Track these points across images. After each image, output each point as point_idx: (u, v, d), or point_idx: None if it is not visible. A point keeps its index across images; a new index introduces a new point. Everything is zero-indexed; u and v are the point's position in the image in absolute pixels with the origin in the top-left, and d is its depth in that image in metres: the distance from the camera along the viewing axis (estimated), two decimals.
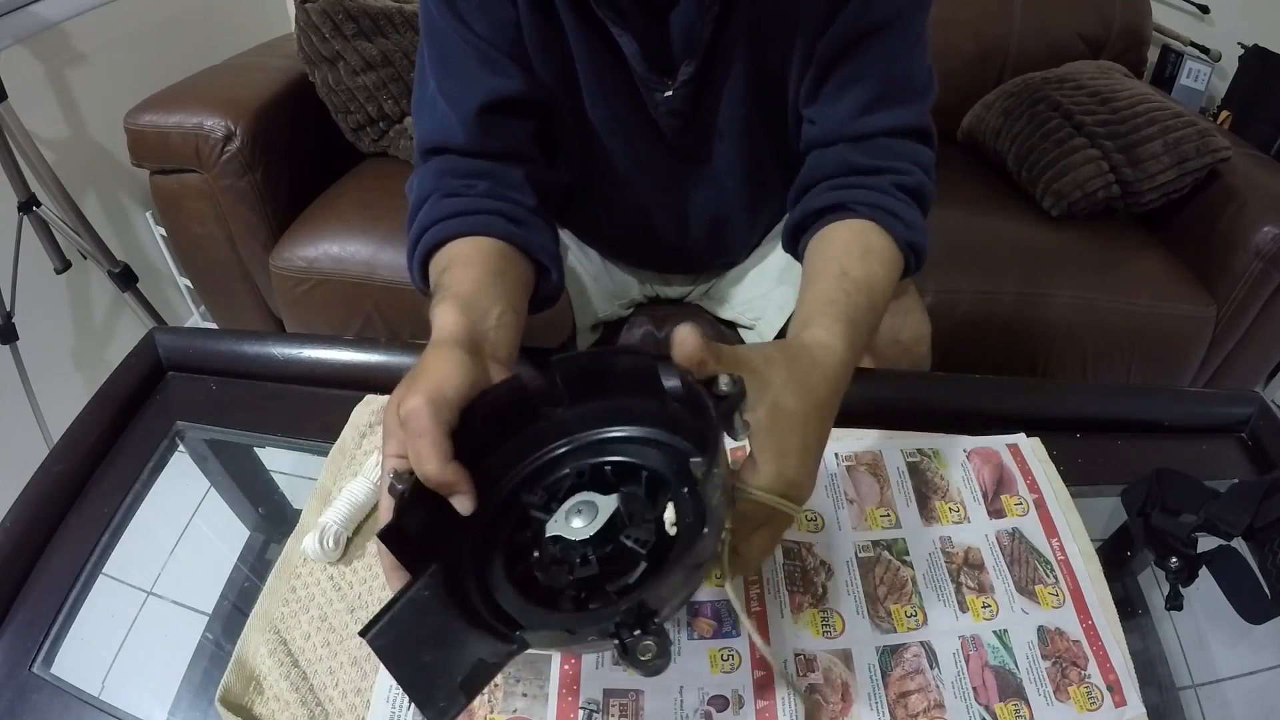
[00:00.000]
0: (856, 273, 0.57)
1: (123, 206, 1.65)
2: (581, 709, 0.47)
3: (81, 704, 0.49)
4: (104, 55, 1.53)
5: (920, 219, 0.63)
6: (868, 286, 0.56)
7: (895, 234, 0.61)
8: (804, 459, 0.44)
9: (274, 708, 0.48)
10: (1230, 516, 0.57)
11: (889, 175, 0.63)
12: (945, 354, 1.36)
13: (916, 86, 0.66)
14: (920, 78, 0.66)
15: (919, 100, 0.66)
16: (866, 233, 0.61)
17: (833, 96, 0.65)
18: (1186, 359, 1.41)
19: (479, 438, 0.44)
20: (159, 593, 0.56)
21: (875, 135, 0.65)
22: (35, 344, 1.36)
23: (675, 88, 0.67)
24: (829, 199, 0.63)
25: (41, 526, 0.59)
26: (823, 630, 0.52)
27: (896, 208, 0.62)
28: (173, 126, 1.33)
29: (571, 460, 0.46)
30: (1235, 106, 1.73)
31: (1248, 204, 1.34)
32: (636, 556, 0.40)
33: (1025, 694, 0.50)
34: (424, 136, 0.67)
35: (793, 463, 0.43)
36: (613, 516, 0.40)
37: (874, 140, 0.65)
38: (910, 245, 0.62)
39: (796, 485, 0.43)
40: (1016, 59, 1.67)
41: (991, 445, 0.66)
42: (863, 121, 0.65)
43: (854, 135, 0.65)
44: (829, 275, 0.57)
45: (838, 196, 0.63)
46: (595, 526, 0.40)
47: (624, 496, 0.42)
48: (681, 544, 0.40)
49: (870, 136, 0.65)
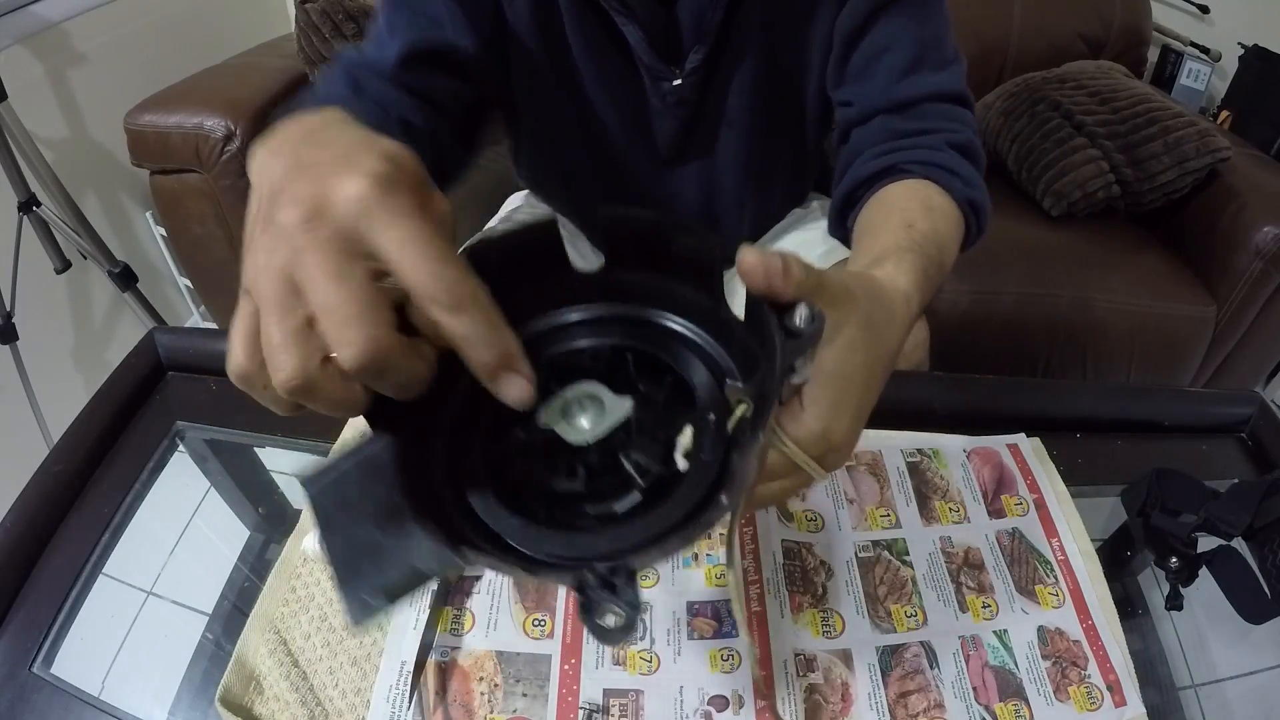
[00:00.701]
0: (923, 226, 0.50)
1: (123, 206, 1.65)
2: (581, 709, 0.47)
3: (81, 704, 0.49)
4: (104, 55, 1.53)
5: (978, 176, 0.58)
6: (935, 242, 0.49)
7: (954, 191, 0.56)
8: (856, 422, 0.36)
9: (274, 708, 0.48)
10: (1230, 516, 0.57)
11: (941, 134, 0.59)
12: (945, 354, 1.36)
13: (948, 54, 0.63)
14: (949, 46, 0.64)
15: (952, 66, 0.63)
16: (924, 190, 0.55)
17: (863, 71, 0.63)
18: (1186, 359, 1.41)
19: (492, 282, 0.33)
20: (159, 593, 0.56)
21: (918, 101, 0.61)
22: (35, 344, 1.36)
23: (684, 76, 0.66)
24: (877, 165, 0.59)
25: (41, 526, 0.59)
26: (823, 630, 0.52)
27: (954, 163, 0.57)
28: (173, 126, 1.33)
29: (589, 333, 0.37)
30: (1235, 106, 1.73)
31: (1248, 204, 1.34)
32: (631, 483, 0.32)
33: (1025, 694, 0.50)
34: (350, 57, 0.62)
35: (844, 423, 0.35)
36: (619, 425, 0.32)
37: (918, 106, 0.61)
38: (970, 203, 0.57)
39: (838, 450, 0.36)
40: (1016, 59, 1.67)
41: (991, 445, 0.66)
42: (902, 87, 0.61)
43: (895, 104, 0.62)
44: (894, 226, 0.50)
45: (886, 161, 0.59)
46: (598, 432, 0.32)
47: (638, 401, 0.33)
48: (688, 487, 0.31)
49: (913, 103, 0.61)
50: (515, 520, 0.31)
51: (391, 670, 0.48)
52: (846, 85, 0.65)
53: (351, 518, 0.30)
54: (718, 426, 0.32)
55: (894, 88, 0.62)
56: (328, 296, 0.26)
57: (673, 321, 0.36)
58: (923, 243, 0.47)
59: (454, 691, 0.48)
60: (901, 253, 0.45)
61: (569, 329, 0.37)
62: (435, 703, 0.47)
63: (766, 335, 0.31)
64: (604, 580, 0.27)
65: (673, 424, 0.33)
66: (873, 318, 0.37)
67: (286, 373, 0.26)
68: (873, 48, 0.62)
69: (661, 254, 0.35)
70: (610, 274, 0.36)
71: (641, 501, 0.32)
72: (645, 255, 0.35)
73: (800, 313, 0.31)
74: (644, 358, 0.36)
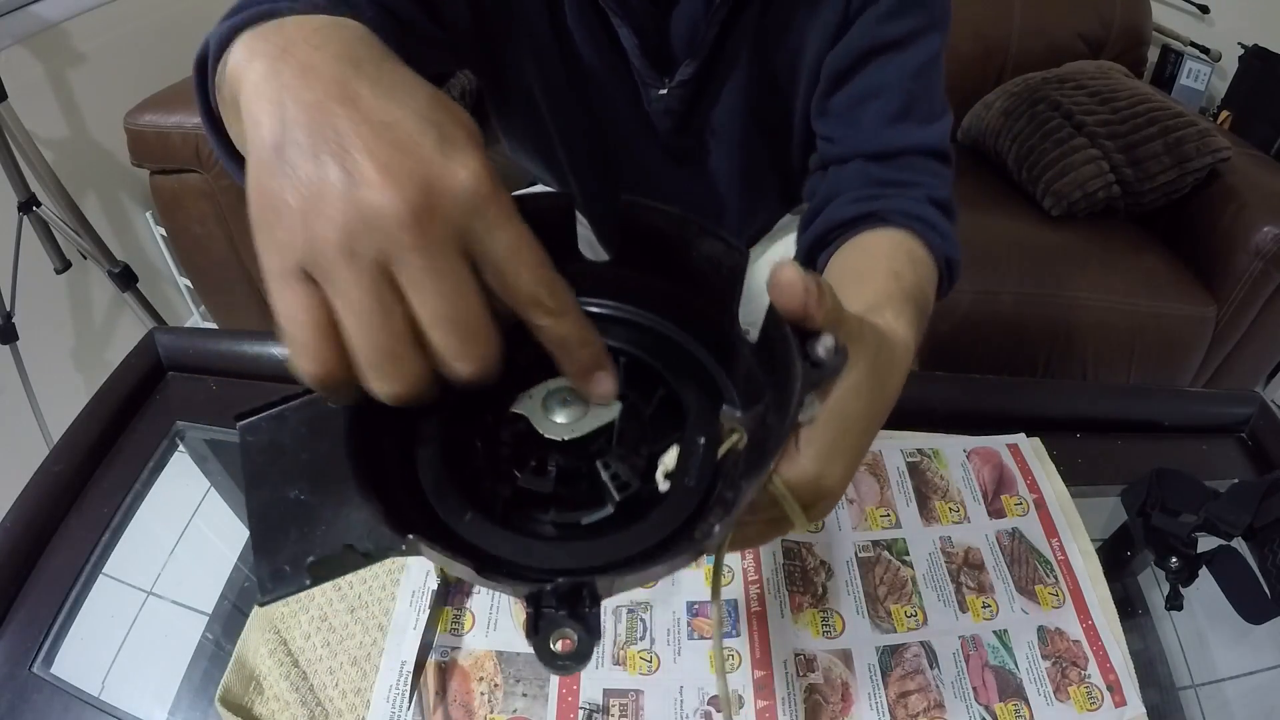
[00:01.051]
0: (910, 277, 0.49)
1: (123, 206, 1.65)
2: (581, 709, 0.47)
3: (81, 704, 0.49)
4: (104, 55, 1.53)
5: (954, 234, 0.58)
6: (923, 293, 0.49)
7: (934, 247, 0.56)
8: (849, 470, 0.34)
9: (274, 708, 0.48)
10: (1230, 516, 0.57)
11: (921, 188, 0.59)
12: (945, 354, 1.36)
13: (936, 107, 0.63)
14: (937, 99, 0.63)
15: (939, 121, 0.63)
16: (907, 242, 0.55)
17: (848, 113, 0.63)
18: (1186, 359, 1.41)
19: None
20: (159, 593, 0.56)
21: (901, 153, 0.61)
22: (35, 344, 1.36)
23: (671, 87, 0.66)
24: (857, 209, 0.59)
25: (41, 526, 0.59)
26: (823, 630, 0.52)
27: (934, 219, 0.57)
28: (173, 126, 1.33)
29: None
30: (1235, 106, 1.73)
31: (1248, 204, 1.34)
32: (605, 495, 0.29)
33: (1025, 694, 0.50)
34: None
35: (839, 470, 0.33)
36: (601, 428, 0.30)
37: (899, 158, 0.61)
38: (947, 260, 0.57)
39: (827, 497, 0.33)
40: (1016, 59, 1.67)
41: (991, 445, 0.66)
42: (886, 136, 0.61)
43: (877, 152, 0.62)
44: (882, 275, 0.49)
45: (867, 206, 0.59)
46: (576, 430, 0.29)
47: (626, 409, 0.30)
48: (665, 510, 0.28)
49: (895, 154, 0.61)
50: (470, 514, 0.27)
51: (391, 670, 0.48)
52: (829, 120, 0.65)
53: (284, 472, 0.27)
54: (706, 452, 0.29)
55: (878, 136, 0.62)
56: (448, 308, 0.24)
57: (677, 334, 0.34)
58: (913, 293, 0.47)
59: (454, 691, 0.48)
60: (898, 301, 0.44)
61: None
62: (435, 703, 0.47)
63: (779, 363, 0.29)
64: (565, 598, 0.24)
65: (658, 441, 0.31)
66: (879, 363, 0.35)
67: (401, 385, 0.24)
68: (861, 90, 0.62)
69: (678, 257, 0.32)
70: (619, 268, 0.34)
71: (611, 517, 0.29)
72: (661, 255, 0.32)
73: (824, 343, 0.28)
74: (639, 366, 0.33)
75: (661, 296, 0.34)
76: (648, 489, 0.30)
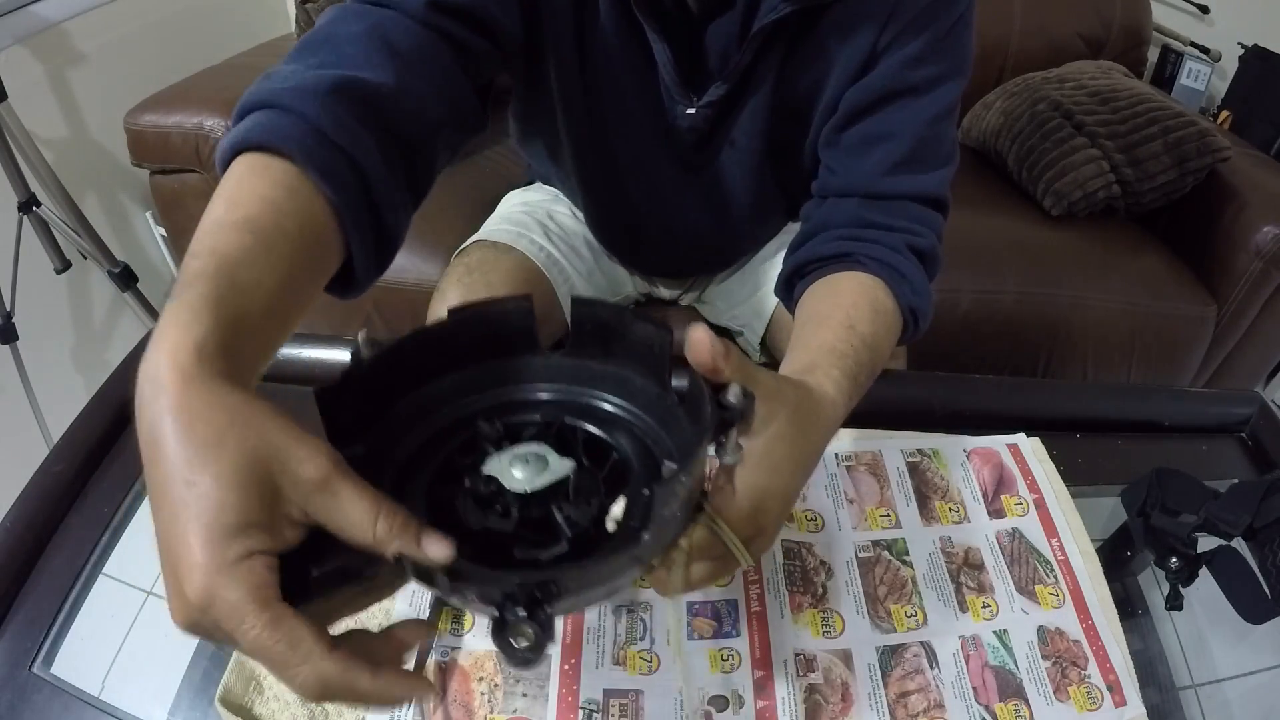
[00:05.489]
0: (864, 329, 0.53)
1: (123, 206, 1.65)
2: (581, 709, 0.47)
3: (81, 704, 0.49)
4: (104, 55, 1.53)
5: (926, 284, 0.61)
6: (872, 346, 0.53)
7: (900, 296, 0.58)
8: (783, 510, 0.40)
9: (274, 708, 0.48)
10: (1230, 516, 0.57)
11: (902, 234, 0.61)
12: (945, 354, 1.36)
13: (941, 155, 0.65)
14: (945, 146, 0.65)
15: (942, 168, 0.65)
16: (874, 290, 0.58)
17: (857, 150, 0.64)
18: (1186, 359, 1.41)
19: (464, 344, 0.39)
20: (159, 593, 0.56)
21: (897, 197, 0.63)
22: (35, 344, 1.36)
23: (700, 106, 0.67)
24: (837, 248, 0.61)
25: (41, 526, 0.58)
26: (823, 630, 0.52)
27: (905, 268, 0.59)
28: (173, 126, 1.33)
29: (547, 409, 0.41)
30: (1235, 106, 1.73)
31: (1248, 204, 1.34)
32: (559, 535, 0.35)
33: (1025, 694, 0.50)
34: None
35: (774, 507, 0.39)
36: (558, 482, 0.35)
37: (893, 201, 0.63)
38: (912, 310, 0.59)
39: (764, 534, 0.40)
40: (1016, 59, 1.67)
41: (991, 445, 0.66)
42: (887, 181, 0.63)
43: (875, 193, 0.63)
44: (836, 324, 0.53)
45: (847, 247, 0.61)
46: (535, 483, 0.35)
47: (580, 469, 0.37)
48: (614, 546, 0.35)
49: (891, 198, 0.63)
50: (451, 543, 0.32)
51: None
52: (835, 152, 0.66)
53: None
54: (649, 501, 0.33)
55: (879, 179, 0.63)
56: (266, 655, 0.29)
57: (624, 407, 0.41)
58: (860, 347, 0.51)
59: (454, 691, 0.48)
60: (835, 358, 0.49)
61: (529, 403, 0.41)
62: (435, 703, 0.47)
63: (700, 411, 0.35)
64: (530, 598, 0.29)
65: (609, 494, 0.36)
66: (799, 416, 0.41)
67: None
68: (873, 131, 0.63)
69: (620, 341, 0.39)
70: (575, 358, 0.41)
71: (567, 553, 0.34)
72: (606, 340, 0.40)
73: (733, 390, 0.36)
74: (593, 438, 0.40)
75: (610, 378, 0.41)
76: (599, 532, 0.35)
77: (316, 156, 0.41)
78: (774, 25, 0.60)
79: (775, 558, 0.56)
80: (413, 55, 0.50)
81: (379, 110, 0.46)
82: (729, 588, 0.54)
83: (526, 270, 0.84)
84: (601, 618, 0.52)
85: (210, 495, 0.28)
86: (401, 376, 0.38)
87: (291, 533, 0.30)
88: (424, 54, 0.51)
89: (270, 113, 0.43)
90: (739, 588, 0.54)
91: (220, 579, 0.28)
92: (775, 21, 0.59)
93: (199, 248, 0.36)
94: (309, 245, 0.40)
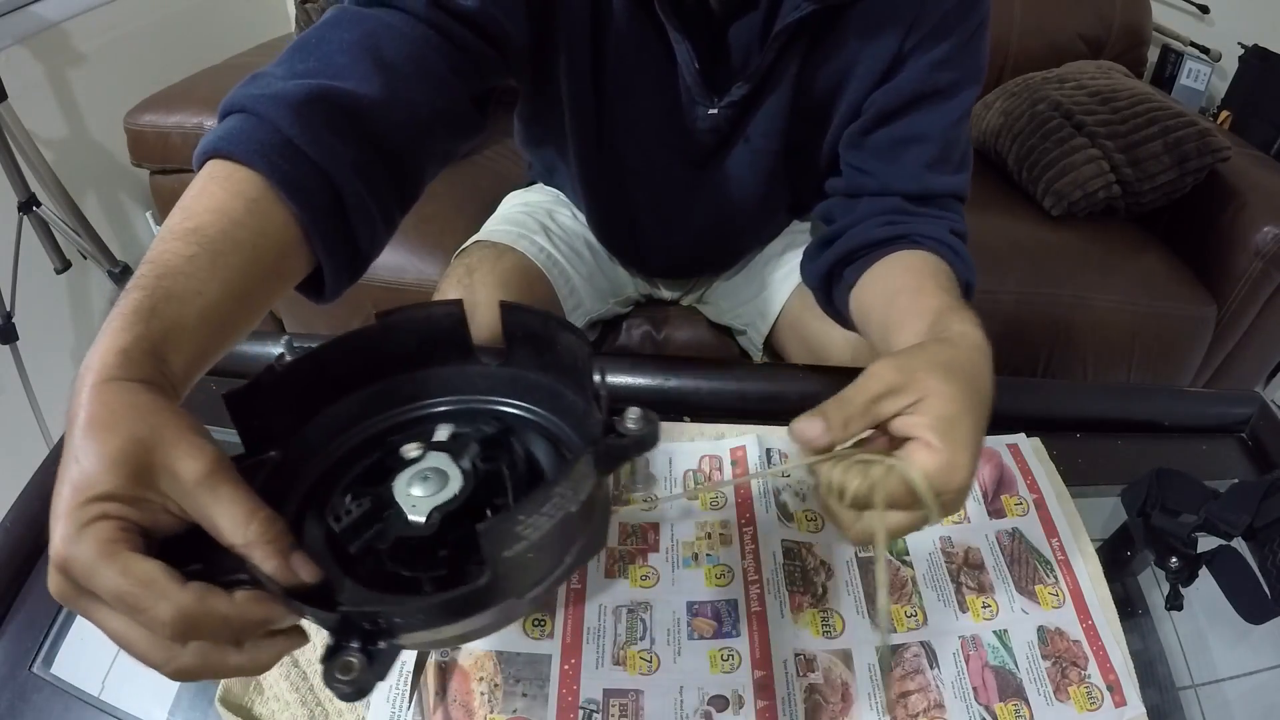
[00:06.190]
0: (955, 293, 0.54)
1: (123, 206, 1.65)
2: (581, 709, 0.47)
3: (81, 704, 0.49)
4: (104, 55, 1.53)
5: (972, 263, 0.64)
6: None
7: (957, 270, 0.60)
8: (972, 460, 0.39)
9: (274, 708, 0.48)
10: (1230, 516, 0.57)
11: (946, 220, 0.64)
12: None
13: (965, 157, 0.67)
14: (966, 148, 0.68)
15: (966, 170, 0.67)
16: (939, 263, 0.60)
17: (888, 151, 0.66)
18: (1186, 359, 1.41)
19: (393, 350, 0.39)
20: None
21: (939, 195, 0.66)
22: (35, 344, 1.36)
23: (721, 106, 0.67)
24: (888, 231, 0.63)
25: (42, 526, 0.58)
26: (823, 630, 0.52)
27: (957, 246, 0.62)
28: (173, 126, 1.33)
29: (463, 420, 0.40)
30: (1235, 106, 1.73)
31: (1248, 204, 1.34)
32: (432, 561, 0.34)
33: (1025, 694, 0.50)
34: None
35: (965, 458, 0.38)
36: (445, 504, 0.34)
37: (934, 200, 0.66)
38: (966, 284, 0.61)
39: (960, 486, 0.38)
40: (1016, 59, 1.67)
41: (991, 445, 0.66)
42: (926, 180, 0.65)
43: (917, 192, 0.65)
44: (933, 287, 0.54)
45: (899, 230, 0.63)
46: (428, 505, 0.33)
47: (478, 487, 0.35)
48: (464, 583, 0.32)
49: (934, 196, 0.65)
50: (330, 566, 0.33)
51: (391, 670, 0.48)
52: (863, 153, 0.67)
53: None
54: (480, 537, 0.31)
55: (918, 178, 0.65)
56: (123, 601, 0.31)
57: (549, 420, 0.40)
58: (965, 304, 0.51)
59: (454, 691, 0.48)
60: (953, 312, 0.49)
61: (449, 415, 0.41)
62: (435, 703, 0.47)
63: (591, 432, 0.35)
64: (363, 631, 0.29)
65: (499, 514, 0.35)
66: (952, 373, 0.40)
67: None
68: (904, 133, 0.65)
69: (549, 351, 0.39)
70: (511, 363, 0.41)
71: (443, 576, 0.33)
72: (538, 348, 0.40)
73: (630, 415, 0.35)
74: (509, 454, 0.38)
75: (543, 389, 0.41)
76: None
77: (281, 168, 0.42)
78: (796, 24, 0.60)
79: (775, 558, 0.56)
80: (404, 65, 0.50)
81: (360, 121, 0.46)
82: (729, 588, 0.54)
83: (527, 271, 0.84)
84: (601, 618, 0.52)
85: (84, 470, 0.30)
86: (326, 382, 0.38)
87: (165, 519, 0.31)
88: (417, 62, 0.51)
89: (245, 118, 0.44)
90: (739, 588, 0.54)
91: (72, 536, 0.29)
92: (798, 20, 0.60)
93: (149, 255, 0.37)
94: (263, 256, 0.41)
